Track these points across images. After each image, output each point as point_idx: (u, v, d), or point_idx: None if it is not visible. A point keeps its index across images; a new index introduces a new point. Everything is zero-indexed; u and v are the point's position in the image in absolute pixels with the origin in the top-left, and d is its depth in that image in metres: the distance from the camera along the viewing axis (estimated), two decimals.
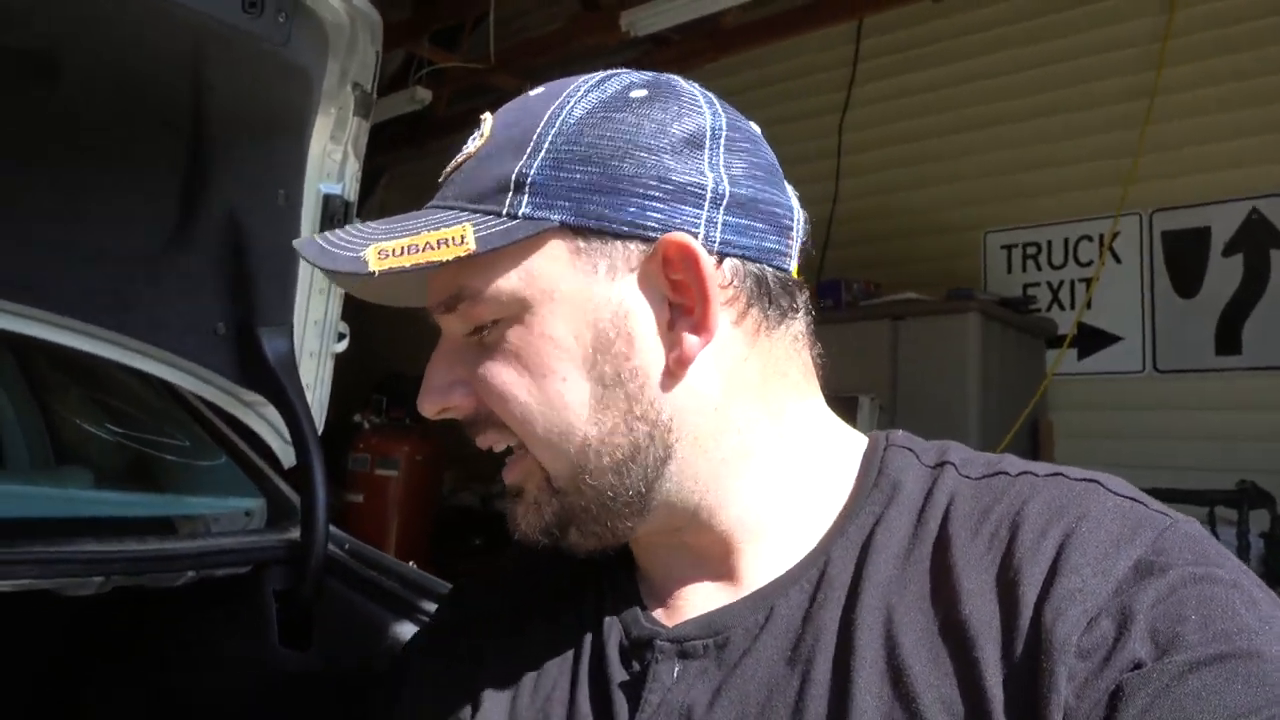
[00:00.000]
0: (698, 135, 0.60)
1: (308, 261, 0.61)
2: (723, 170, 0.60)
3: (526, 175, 0.59)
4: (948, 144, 4.30)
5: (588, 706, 0.61)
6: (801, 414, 0.64)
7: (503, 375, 0.60)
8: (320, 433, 1.55)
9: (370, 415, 5.04)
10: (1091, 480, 0.56)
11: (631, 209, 0.59)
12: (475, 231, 0.58)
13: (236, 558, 1.39)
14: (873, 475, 0.62)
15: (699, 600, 0.63)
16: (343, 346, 1.62)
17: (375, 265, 0.58)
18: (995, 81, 4.24)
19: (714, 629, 0.59)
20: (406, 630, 1.26)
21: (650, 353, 0.59)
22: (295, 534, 1.46)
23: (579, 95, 0.61)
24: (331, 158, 1.50)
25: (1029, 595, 0.50)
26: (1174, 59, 3.76)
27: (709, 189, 0.59)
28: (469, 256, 0.57)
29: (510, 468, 0.64)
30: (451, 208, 0.61)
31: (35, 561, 1.16)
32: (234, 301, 1.47)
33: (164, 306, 1.45)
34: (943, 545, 0.56)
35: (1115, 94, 3.93)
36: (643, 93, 0.61)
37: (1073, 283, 4.08)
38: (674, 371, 0.59)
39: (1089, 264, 4.01)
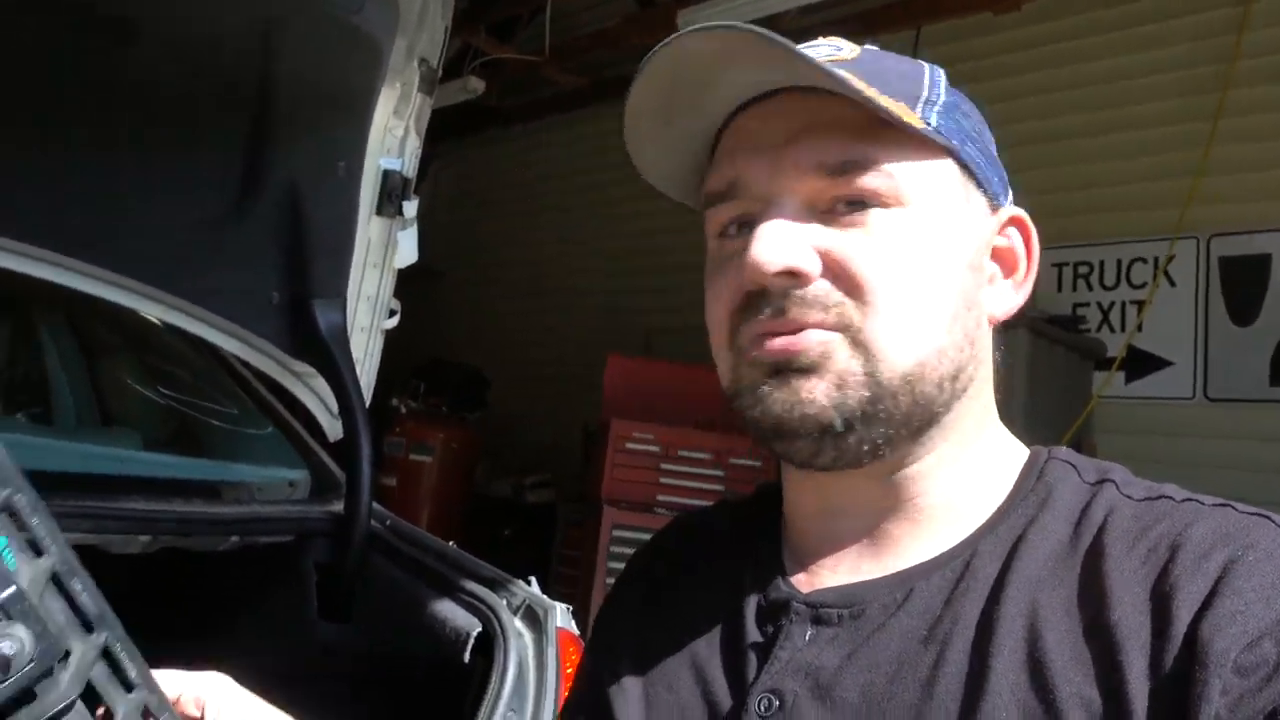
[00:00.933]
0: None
1: (805, 61, 0.56)
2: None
3: (935, 99, 0.61)
4: (1007, 159, 4.25)
5: (719, 662, 0.63)
6: (993, 407, 0.66)
7: (882, 253, 0.58)
8: (366, 407, 1.55)
9: (408, 400, 5.06)
10: (1262, 515, 0.55)
11: (988, 171, 0.63)
12: (928, 123, 0.59)
13: (280, 526, 1.39)
14: (1031, 482, 0.62)
15: (840, 573, 0.63)
16: (393, 322, 1.62)
17: (871, 96, 0.56)
18: (1053, 96, 4.16)
19: (851, 600, 0.60)
20: (445, 606, 1.26)
21: (984, 296, 0.63)
22: (338, 507, 1.46)
23: (935, 67, 0.65)
24: (393, 133, 1.51)
25: (1184, 610, 0.50)
26: (1241, 81, 3.67)
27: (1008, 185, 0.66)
28: (905, 130, 0.58)
29: (804, 339, 0.58)
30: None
31: (86, 516, 1.17)
32: (289, 272, 1.47)
33: (221, 272, 1.46)
34: (1096, 553, 0.55)
35: (1178, 114, 3.84)
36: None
37: (1124, 304, 3.99)
38: (991, 322, 0.64)
39: (1142, 286, 3.92)
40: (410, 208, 1.56)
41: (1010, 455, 0.66)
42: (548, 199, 6.32)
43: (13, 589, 0.47)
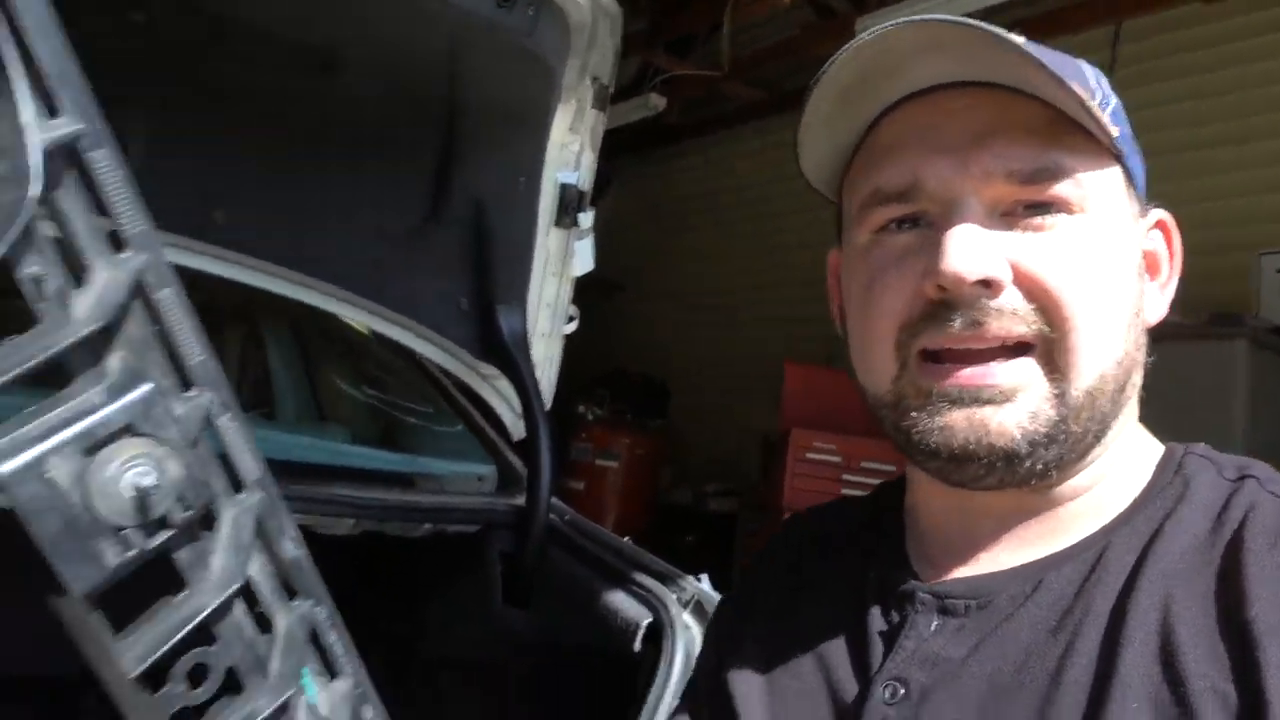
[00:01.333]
0: None
1: (1036, 60, 0.53)
2: None
3: (1107, 104, 0.58)
4: (1214, 157, 3.91)
5: (844, 652, 0.63)
6: (1135, 406, 0.64)
7: (1071, 263, 0.56)
8: (547, 409, 1.64)
9: (594, 407, 5.24)
10: None
11: (1140, 175, 0.62)
12: (1109, 123, 0.57)
13: (468, 516, 1.49)
14: (1168, 476, 0.60)
15: (967, 565, 0.63)
16: (572, 327, 1.70)
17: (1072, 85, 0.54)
18: (1273, 89, 3.81)
19: (978, 591, 0.60)
20: (619, 598, 1.31)
21: (1142, 299, 0.61)
22: (521, 500, 1.55)
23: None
24: (569, 148, 1.59)
25: None
26: None
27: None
28: (1098, 136, 0.56)
29: (1009, 366, 0.57)
30: (1055, 75, 0.55)
31: (299, 499, 1.30)
32: (476, 279, 1.58)
33: (417, 281, 1.59)
34: (1235, 547, 0.53)
35: None
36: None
37: None
38: (1144, 330, 0.62)
39: None
40: (586, 219, 1.64)
41: (1145, 450, 0.64)
42: (726, 212, 6.36)
43: None
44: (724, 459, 5.67)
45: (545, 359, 1.69)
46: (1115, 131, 0.57)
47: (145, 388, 0.48)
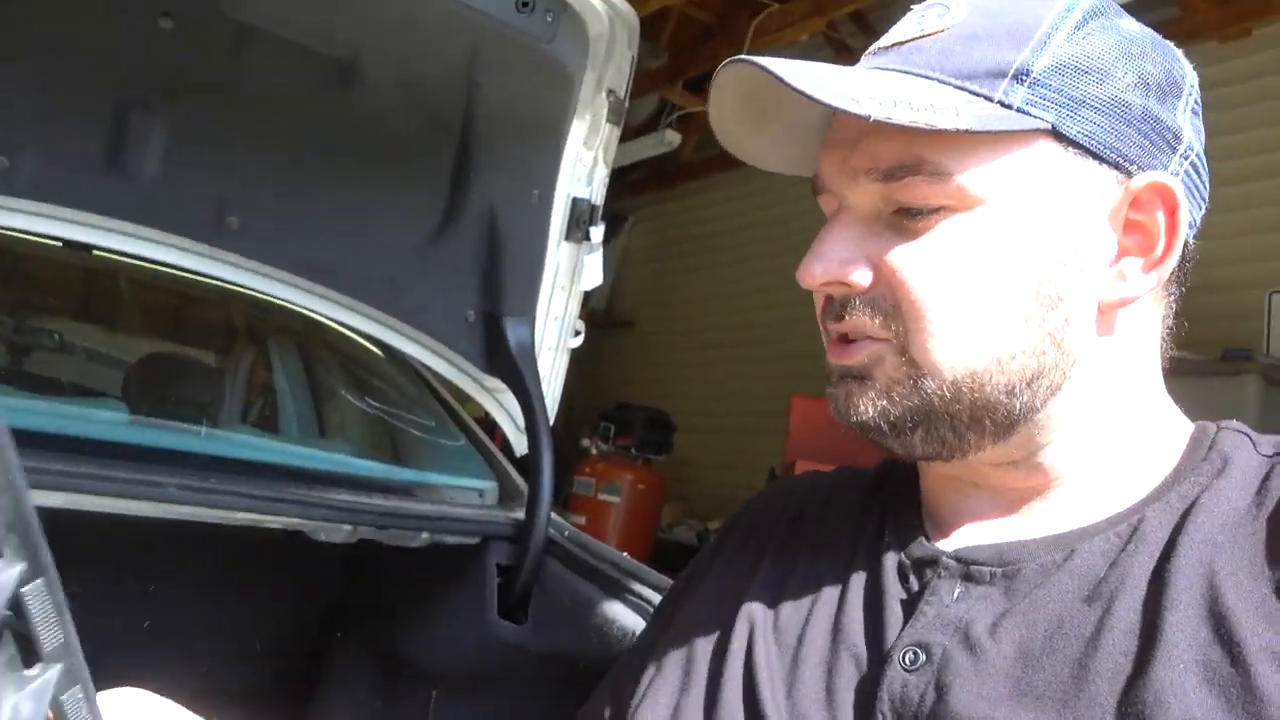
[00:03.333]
0: (1178, 83, 0.60)
1: (790, 86, 0.53)
2: (1190, 129, 0.60)
3: (1029, 69, 0.56)
4: (1228, 195, 3.93)
5: (859, 618, 0.61)
6: (1156, 381, 0.63)
7: (935, 266, 0.56)
8: (551, 424, 1.63)
9: (598, 441, 5.23)
10: None
11: (1117, 136, 0.57)
12: (971, 109, 0.54)
13: (466, 527, 1.47)
14: (1203, 451, 0.59)
15: (987, 536, 0.61)
16: (578, 342, 1.69)
17: (870, 110, 0.52)
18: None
19: (1005, 559, 0.58)
20: (618, 610, 1.29)
21: (1092, 285, 0.58)
22: (520, 514, 1.53)
23: (1076, 5, 0.58)
24: (582, 162, 1.59)
25: None
26: None
27: (1184, 141, 0.59)
28: (958, 132, 0.54)
29: (856, 348, 0.60)
30: (928, 78, 0.56)
31: (298, 503, 1.29)
32: (484, 291, 1.58)
33: (427, 292, 1.59)
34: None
35: None
36: (1135, 27, 0.60)
37: None
38: (1104, 310, 0.59)
39: None
40: (597, 233, 1.64)
41: (1173, 428, 0.63)
42: (736, 249, 6.39)
43: None
44: (729, 495, 5.64)
45: (551, 373, 1.68)
46: (977, 118, 0.53)
47: None
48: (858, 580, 0.64)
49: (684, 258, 6.90)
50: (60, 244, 1.59)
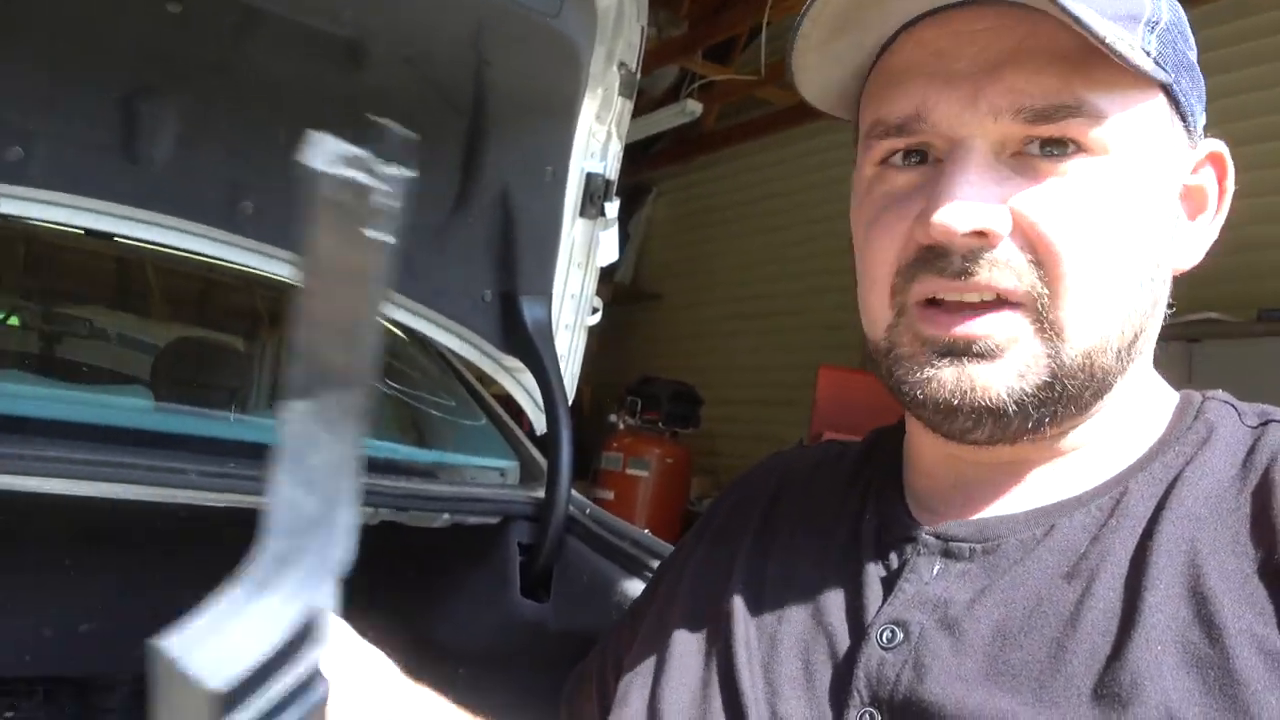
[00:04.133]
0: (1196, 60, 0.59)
1: None
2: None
3: (1158, 19, 0.53)
4: (1261, 152, 3.83)
5: (838, 595, 0.60)
6: (1151, 352, 0.61)
7: (1081, 213, 0.52)
8: (570, 401, 1.62)
9: (625, 416, 5.23)
10: None
11: (1195, 102, 0.57)
12: (1133, 52, 0.50)
13: (488, 507, 1.48)
14: (1188, 421, 0.58)
15: (970, 510, 0.60)
16: (595, 319, 1.68)
17: (1105, 31, 0.49)
18: None
19: (985, 535, 0.57)
20: (638, 588, 1.28)
21: (1173, 243, 0.57)
22: (541, 493, 1.53)
23: None
24: (595, 137, 1.58)
25: None
26: None
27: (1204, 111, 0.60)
28: (1134, 70, 0.51)
29: (998, 319, 0.53)
30: (1072, 10, 0.50)
31: None
32: (500, 270, 1.57)
33: (443, 273, 1.58)
34: (1266, 490, 0.50)
35: None
36: None
37: None
38: (1169, 278, 0.58)
39: None
40: (612, 209, 1.63)
41: (1159, 397, 0.61)
42: (762, 219, 6.33)
43: None
44: None
45: (569, 351, 1.68)
46: (1144, 59, 0.51)
47: None
48: (838, 558, 0.62)
49: (709, 228, 6.85)
50: (82, 232, 1.60)
